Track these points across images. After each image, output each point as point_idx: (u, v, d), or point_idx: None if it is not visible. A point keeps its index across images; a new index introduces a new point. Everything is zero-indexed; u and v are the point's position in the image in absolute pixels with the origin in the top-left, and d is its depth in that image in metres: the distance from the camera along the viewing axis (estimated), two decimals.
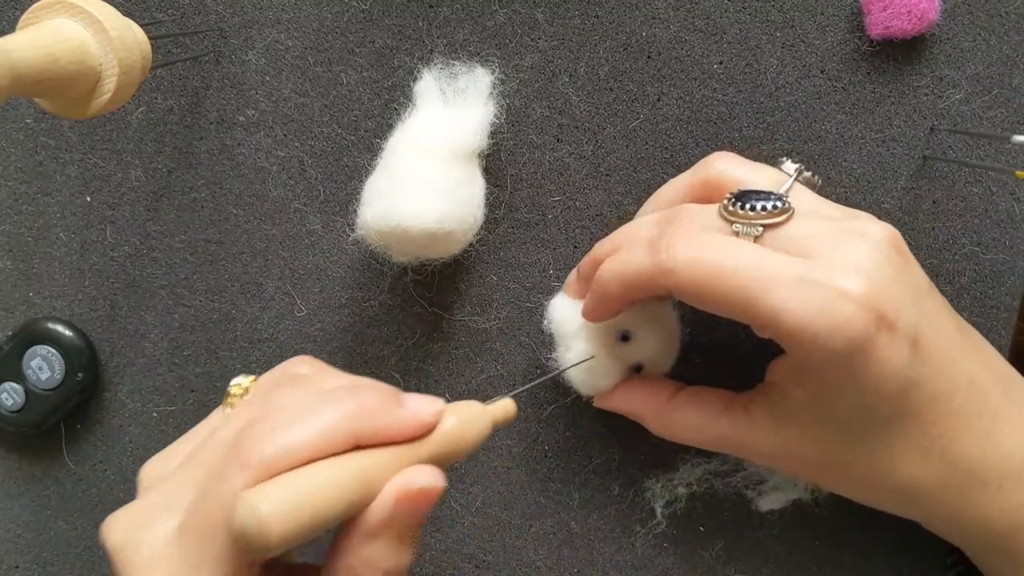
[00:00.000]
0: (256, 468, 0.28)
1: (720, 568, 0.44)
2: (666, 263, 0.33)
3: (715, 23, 0.41)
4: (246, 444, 0.29)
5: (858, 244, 0.32)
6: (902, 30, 0.39)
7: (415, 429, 0.30)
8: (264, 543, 0.26)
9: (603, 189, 0.42)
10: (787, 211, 0.33)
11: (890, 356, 0.32)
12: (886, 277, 0.32)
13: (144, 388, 0.45)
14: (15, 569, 0.47)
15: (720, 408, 0.37)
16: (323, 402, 0.30)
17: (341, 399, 0.30)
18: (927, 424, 0.34)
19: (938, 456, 0.34)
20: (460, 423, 0.31)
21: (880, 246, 0.33)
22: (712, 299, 0.32)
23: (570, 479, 0.44)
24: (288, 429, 0.29)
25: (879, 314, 0.31)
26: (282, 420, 0.29)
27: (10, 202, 0.45)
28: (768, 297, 0.31)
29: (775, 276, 0.31)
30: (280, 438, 0.28)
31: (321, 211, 0.44)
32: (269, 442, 0.28)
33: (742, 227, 0.33)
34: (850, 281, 0.31)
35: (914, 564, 0.43)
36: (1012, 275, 0.41)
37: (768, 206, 0.33)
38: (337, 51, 0.43)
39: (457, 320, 0.44)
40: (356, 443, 0.29)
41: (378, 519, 0.29)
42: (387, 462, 0.29)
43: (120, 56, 0.33)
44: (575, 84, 0.42)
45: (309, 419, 0.29)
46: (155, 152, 0.44)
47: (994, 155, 0.41)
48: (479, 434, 0.32)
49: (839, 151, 0.41)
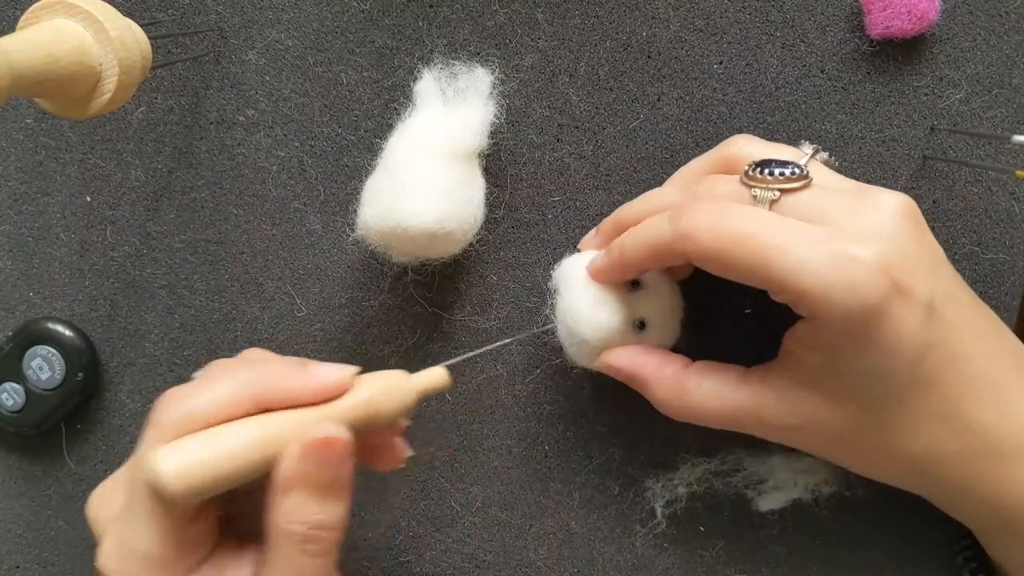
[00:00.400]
0: (163, 428, 0.31)
1: (720, 568, 0.44)
2: (686, 229, 0.33)
3: (715, 23, 0.41)
4: (158, 409, 0.32)
5: (873, 212, 0.33)
6: (902, 30, 0.39)
7: (318, 391, 0.33)
8: (170, 496, 0.29)
9: (603, 189, 0.42)
10: (805, 178, 0.34)
11: (906, 319, 0.32)
12: (902, 243, 0.32)
13: (144, 388, 0.45)
14: (16, 569, 0.47)
15: (736, 378, 0.36)
16: (228, 371, 0.33)
17: (243, 368, 0.33)
18: (945, 391, 0.34)
19: (955, 423, 0.34)
20: (378, 388, 0.33)
21: (896, 214, 0.33)
22: (731, 264, 0.33)
23: (570, 479, 0.44)
24: (192, 395, 0.32)
25: (894, 279, 0.32)
26: (189, 388, 0.33)
27: (10, 202, 0.45)
28: (785, 261, 0.32)
29: (792, 240, 0.32)
30: (185, 402, 0.32)
31: (321, 211, 0.44)
32: (175, 407, 0.32)
33: (760, 191, 0.34)
34: (866, 246, 0.32)
35: (915, 563, 0.43)
36: (1012, 275, 0.41)
37: (787, 172, 0.34)
38: (337, 51, 0.43)
39: (457, 320, 0.44)
40: (260, 407, 0.32)
41: (286, 473, 0.31)
42: (292, 422, 0.32)
43: (120, 56, 0.33)
44: (575, 84, 0.42)
45: (212, 386, 0.32)
46: (155, 152, 0.44)
47: (994, 155, 0.41)
48: (401, 402, 0.34)
49: (839, 151, 0.41)
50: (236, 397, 0.32)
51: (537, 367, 0.43)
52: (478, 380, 0.44)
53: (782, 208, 0.34)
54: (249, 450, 0.31)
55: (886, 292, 0.31)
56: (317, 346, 0.44)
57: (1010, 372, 0.35)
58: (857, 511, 0.42)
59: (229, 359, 0.37)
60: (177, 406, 0.32)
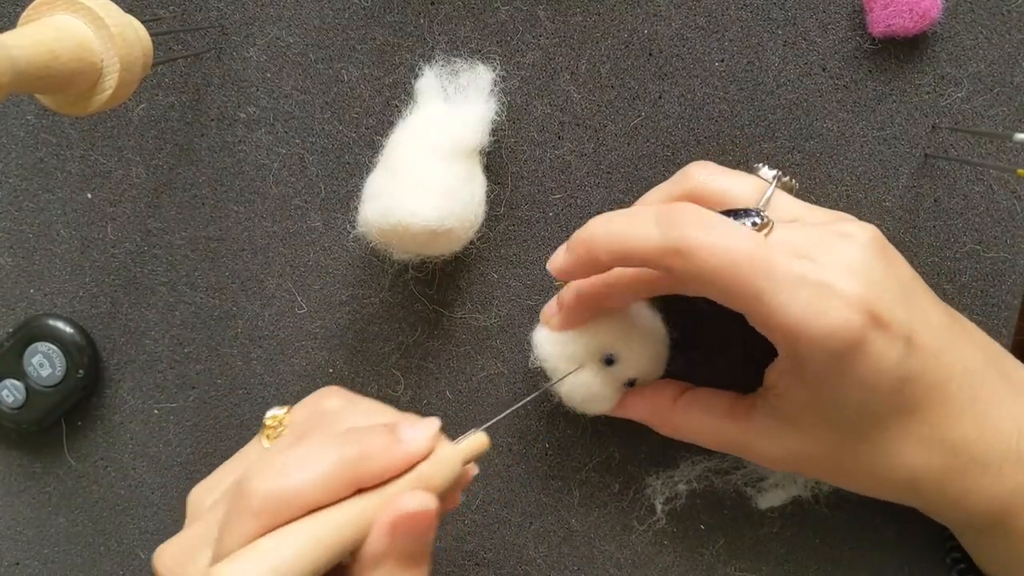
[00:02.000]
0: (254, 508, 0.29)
1: (720, 566, 0.44)
2: (678, 241, 0.32)
3: (717, 21, 0.41)
4: (251, 481, 0.30)
5: (845, 247, 0.33)
6: (904, 28, 0.39)
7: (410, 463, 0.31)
8: None
9: (604, 187, 0.42)
10: (766, 226, 0.34)
11: (885, 354, 0.32)
12: (876, 278, 0.33)
13: (145, 385, 0.45)
14: (16, 566, 0.47)
15: (724, 412, 0.38)
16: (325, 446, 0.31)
17: (341, 444, 0.31)
18: (924, 415, 0.34)
19: (938, 444, 0.35)
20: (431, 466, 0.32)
21: (866, 247, 0.33)
22: (720, 287, 0.32)
23: (570, 476, 0.44)
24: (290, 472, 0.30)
25: (873, 314, 0.32)
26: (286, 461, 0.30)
27: (11, 199, 0.45)
28: (775, 295, 0.31)
29: (783, 273, 0.32)
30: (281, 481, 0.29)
31: (322, 208, 0.44)
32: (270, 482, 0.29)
33: None
34: (844, 282, 0.32)
35: (914, 561, 0.43)
36: (1013, 273, 0.41)
37: (748, 224, 0.34)
38: (338, 48, 0.43)
39: (458, 318, 0.44)
40: (357, 487, 0.30)
41: (376, 550, 0.30)
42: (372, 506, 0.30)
43: (121, 53, 0.33)
44: (576, 82, 0.42)
45: (309, 463, 0.30)
46: (156, 149, 0.44)
47: (996, 153, 0.41)
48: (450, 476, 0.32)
49: (840, 149, 0.41)
50: (336, 481, 0.30)
51: (532, 375, 0.43)
52: (478, 378, 0.44)
53: None
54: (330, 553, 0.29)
55: (866, 328, 0.32)
56: (318, 343, 0.44)
57: (989, 384, 0.35)
58: (856, 509, 0.42)
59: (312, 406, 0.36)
60: (275, 484, 0.29)
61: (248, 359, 0.45)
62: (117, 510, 0.46)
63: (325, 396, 0.37)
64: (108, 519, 0.46)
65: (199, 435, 0.45)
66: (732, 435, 0.37)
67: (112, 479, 0.46)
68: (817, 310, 0.31)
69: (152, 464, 0.46)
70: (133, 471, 0.46)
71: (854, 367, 0.32)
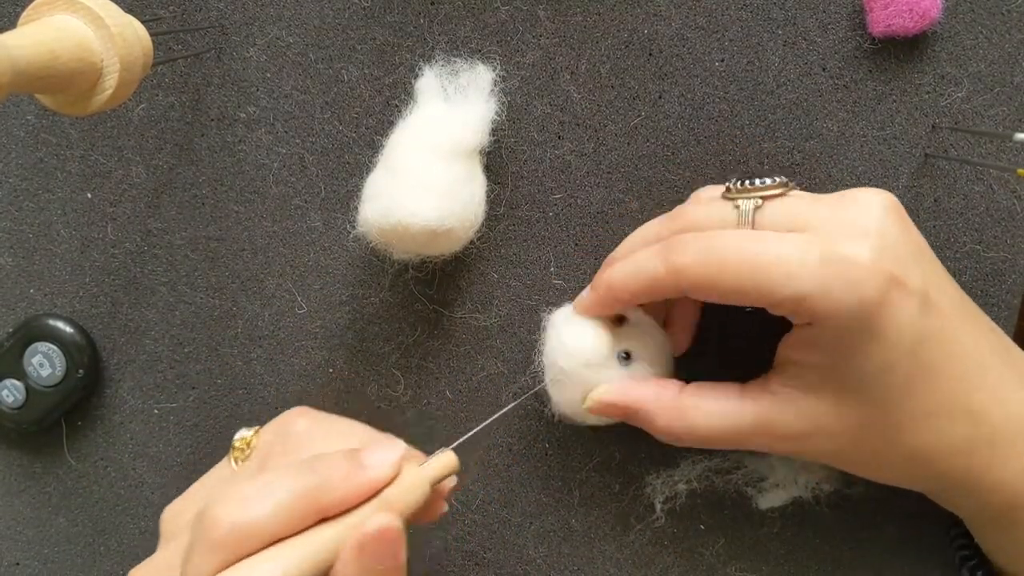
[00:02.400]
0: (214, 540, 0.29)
1: (720, 566, 0.44)
2: (677, 264, 0.34)
3: (717, 21, 0.41)
4: (210, 511, 0.30)
5: (858, 210, 0.33)
6: (904, 28, 0.39)
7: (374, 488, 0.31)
8: None
9: (604, 187, 0.42)
10: (785, 185, 0.35)
11: (904, 311, 0.32)
12: (891, 237, 0.33)
13: (145, 385, 0.45)
14: (16, 566, 0.47)
15: (737, 393, 0.36)
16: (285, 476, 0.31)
17: (301, 473, 0.31)
18: (944, 381, 0.34)
19: (959, 414, 0.34)
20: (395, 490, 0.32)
21: (880, 210, 0.33)
22: (727, 289, 0.33)
23: (570, 476, 0.44)
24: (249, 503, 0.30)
25: (889, 272, 0.32)
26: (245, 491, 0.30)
27: (11, 199, 0.45)
28: (779, 273, 0.32)
29: (782, 251, 0.32)
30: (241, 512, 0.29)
31: (322, 208, 0.44)
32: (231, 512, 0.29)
33: (742, 201, 0.34)
34: (857, 244, 0.32)
35: (915, 561, 0.43)
36: (1013, 273, 0.41)
37: (767, 180, 0.35)
38: (338, 48, 0.43)
39: (458, 317, 0.44)
40: (320, 516, 0.30)
41: (345, 572, 0.30)
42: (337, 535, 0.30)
43: (121, 53, 0.33)
44: (576, 81, 0.42)
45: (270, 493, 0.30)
46: (156, 149, 0.44)
47: (996, 153, 0.41)
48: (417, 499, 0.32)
49: (840, 149, 0.41)
50: (298, 511, 0.30)
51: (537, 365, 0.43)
52: (478, 378, 0.44)
53: (765, 216, 0.34)
54: None
55: (884, 285, 0.32)
56: (318, 343, 0.44)
57: (997, 359, 0.35)
58: (857, 509, 0.42)
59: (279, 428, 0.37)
60: (236, 515, 0.29)
61: (248, 359, 0.45)
62: (117, 510, 0.46)
63: (293, 418, 0.37)
64: (108, 519, 0.46)
65: (199, 435, 0.45)
66: (748, 416, 0.35)
67: (112, 479, 0.46)
68: (833, 276, 0.31)
69: (152, 464, 0.46)
70: (133, 471, 0.46)
71: (874, 327, 0.32)
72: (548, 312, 0.40)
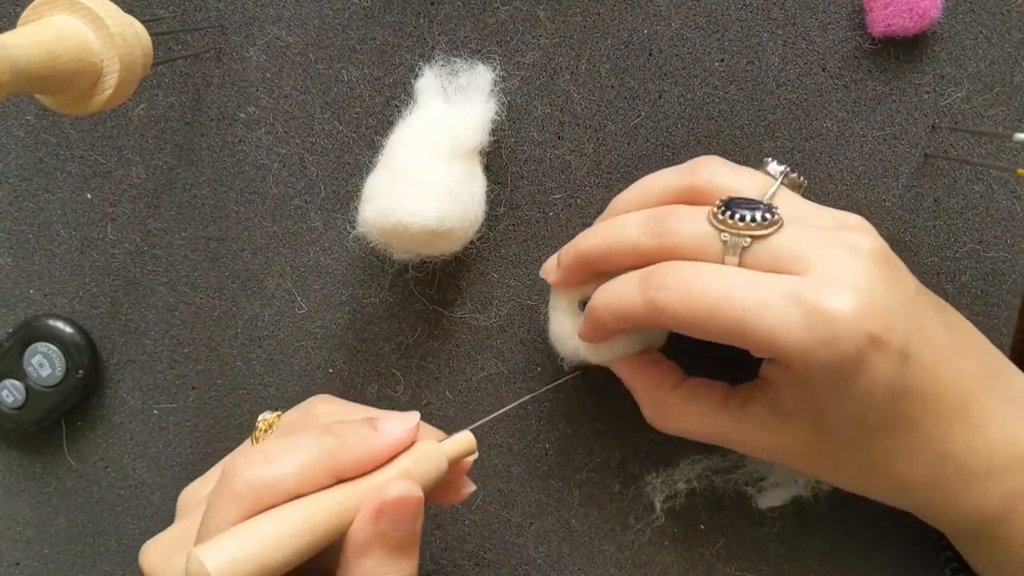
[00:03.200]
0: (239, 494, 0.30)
1: (720, 566, 0.44)
2: (658, 302, 0.33)
3: (716, 21, 0.41)
4: (235, 469, 0.30)
5: (848, 258, 0.32)
6: (903, 28, 0.39)
7: (390, 454, 0.32)
8: None
9: (604, 187, 0.42)
10: (775, 223, 0.33)
11: (880, 371, 0.32)
12: (877, 293, 0.32)
13: (145, 385, 0.45)
14: (16, 566, 0.47)
15: (718, 404, 0.37)
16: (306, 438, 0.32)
17: (323, 437, 0.32)
18: (916, 427, 0.34)
19: (929, 455, 0.35)
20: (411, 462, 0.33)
21: (870, 259, 0.33)
22: (705, 331, 0.33)
23: (570, 476, 0.44)
24: (273, 461, 0.30)
25: (869, 332, 0.31)
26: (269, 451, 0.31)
27: (11, 199, 0.45)
28: (761, 323, 0.32)
29: (765, 300, 0.32)
30: (265, 469, 0.30)
31: (322, 208, 0.44)
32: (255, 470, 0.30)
33: (730, 237, 0.33)
34: (840, 299, 0.31)
35: (914, 561, 0.43)
36: (1013, 273, 0.41)
37: (757, 217, 0.33)
38: (338, 48, 0.43)
39: (458, 317, 0.44)
40: (338, 478, 0.31)
41: (361, 538, 0.30)
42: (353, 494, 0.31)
43: (121, 53, 0.33)
44: (576, 81, 0.42)
45: (292, 454, 0.31)
46: (156, 149, 0.44)
47: (995, 153, 0.41)
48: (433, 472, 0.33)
49: (840, 149, 0.41)
50: (318, 470, 0.31)
51: (538, 365, 0.43)
52: (478, 378, 0.44)
53: (754, 252, 0.33)
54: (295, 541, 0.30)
55: (862, 346, 0.31)
56: (318, 343, 0.44)
57: (981, 396, 0.35)
58: (857, 509, 0.42)
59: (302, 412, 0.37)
60: (257, 470, 0.30)
61: (248, 359, 0.45)
62: (117, 510, 0.46)
63: (317, 402, 0.38)
64: (108, 519, 0.46)
65: (199, 435, 0.45)
66: (723, 427, 0.37)
67: (112, 479, 0.46)
68: (812, 332, 0.31)
69: (152, 464, 0.46)
70: (133, 471, 0.46)
71: (849, 383, 0.32)
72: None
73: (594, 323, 0.37)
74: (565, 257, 0.38)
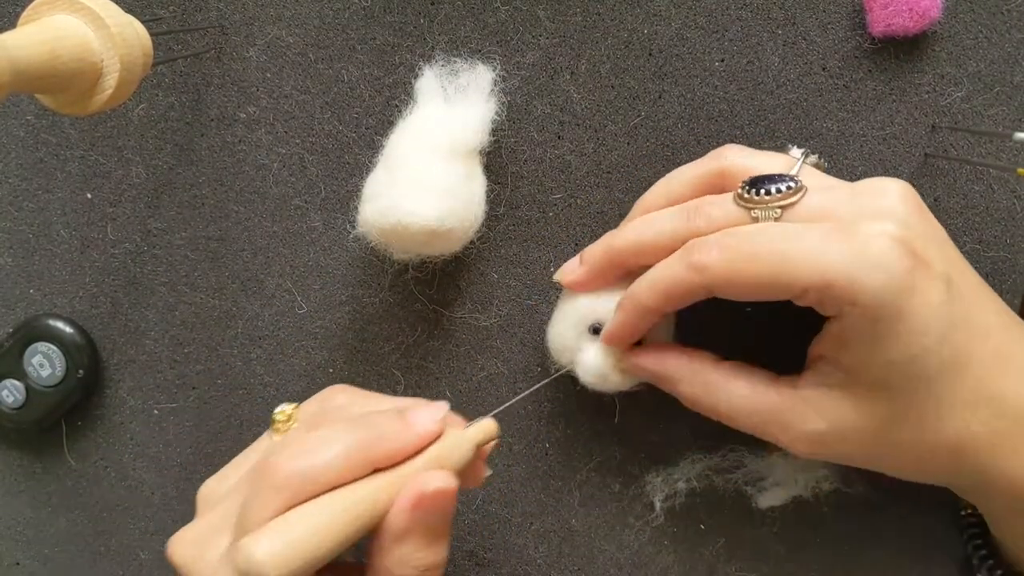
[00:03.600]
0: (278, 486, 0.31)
1: (721, 566, 0.44)
2: (702, 262, 0.34)
3: (717, 20, 0.41)
4: (274, 463, 0.31)
5: (878, 196, 0.33)
6: (903, 28, 0.39)
7: (420, 445, 0.33)
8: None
9: (604, 187, 0.42)
10: (800, 189, 0.34)
11: (931, 294, 0.32)
12: (912, 221, 0.33)
13: (145, 385, 0.45)
14: (16, 566, 0.47)
15: (768, 381, 0.36)
16: (339, 430, 0.33)
17: (355, 428, 0.33)
18: (973, 370, 0.33)
19: (984, 404, 0.34)
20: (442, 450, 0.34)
21: (900, 196, 0.33)
22: (753, 283, 0.33)
23: (571, 476, 0.44)
24: (310, 454, 0.31)
25: (914, 253, 0.32)
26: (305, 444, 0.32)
27: (11, 199, 0.45)
28: (804, 260, 0.32)
29: (806, 239, 0.32)
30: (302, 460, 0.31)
31: (322, 208, 0.44)
32: (293, 462, 0.31)
33: (761, 212, 0.34)
34: (881, 225, 0.32)
35: (914, 561, 0.43)
36: (1013, 273, 0.41)
37: (782, 188, 0.34)
38: (338, 48, 0.43)
39: (458, 317, 0.44)
40: (372, 468, 0.32)
41: (399, 526, 0.32)
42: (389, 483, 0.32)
43: (121, 53, 0.33)
44: (576, 81, 0.42)
45: (327, 446, 0.32)
46: (156, 149, 0.44)
47: (995, 153, 0.41)
48: (461, 460, 0.34)
49: (840, 149, 0.41)
50: (356, 460, 0.32)
51: (538, 365, 0.43)
52: (478, 378, 0.44)
53: (787, 221, 0.34)
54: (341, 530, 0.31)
55: (910, 266, 0.31)
56: (318, 343, 0.44)
57: (1020, 346, 0.35)
58: (857, 508, 0.42)
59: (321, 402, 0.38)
60: (298, 461, 0.31)
61: (248, 359, 0.45)
62: (117, 510, 0.46)
63: (334, 392, 0.38)
64: (108, 519, 0.46)
65: (199, 435, 0.45)
66: (773, 405, 0.35)
67: (112, 479, 0.46)
68: (859, 257, 0.31)
69: (152, 464, 0.46)
70: (133, 471, 0.46)
71: (904, 311, 0.32)
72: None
73: (632, 309, 0.36)
74: (591, 255, 0.39)
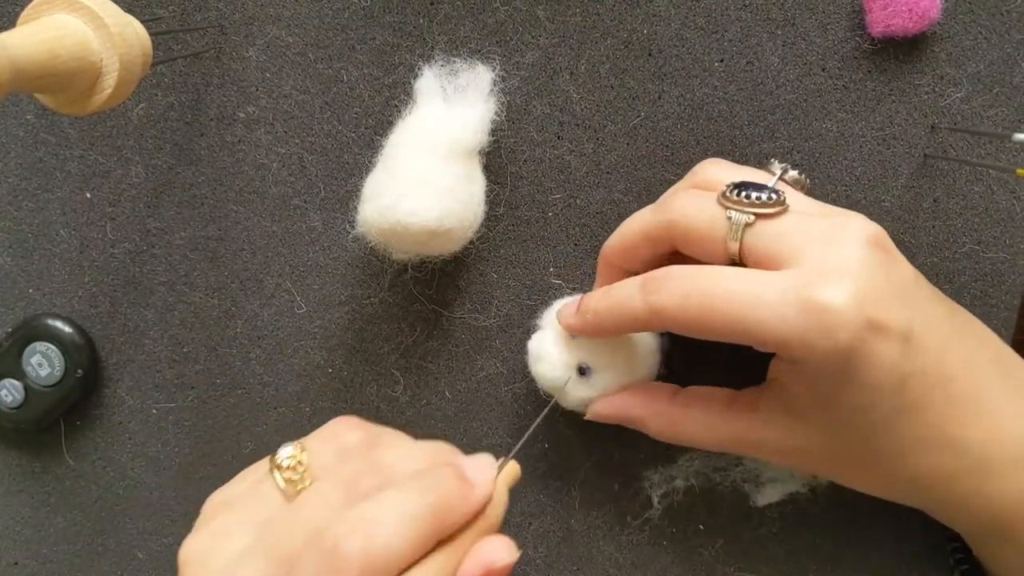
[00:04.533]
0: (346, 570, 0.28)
1: (720, 566, 0.44)
2: (657, 304, 0.34)
3: (716, 21, 0.41)
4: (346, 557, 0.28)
5: (843, 246, 0.33)
6: (903, 28, 0.39)
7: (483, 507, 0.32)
8: None
9: (604, 187, 0.42)
10: (781, 204, 0.34)
11: (883, 356, 0.32)
12: (874, 277, 0.32)
13: (144, 385, 0.45)
14: (14, 565, 0.47)
15: (725, 405, 0.37)
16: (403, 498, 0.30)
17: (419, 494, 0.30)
18: (929, 416, 0.34)
19: (942, 445, 0.34)
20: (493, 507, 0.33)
21: (865, 246, 0.33)
22: (707, 331, 0.33)
23: (570, 476, 0.44)
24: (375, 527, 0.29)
25: (869, 318, 0.31)
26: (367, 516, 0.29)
27: (10, 198, 0.45)
28: (758, 317, 0.32)
29: (762, 297, 0.32)
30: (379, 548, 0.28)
31: (321, 208, 0.43)
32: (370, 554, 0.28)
33: (735, 214, 0.34)
34: (835, 289, 0.31)
35: (914, 561, 0.43)
36: (1012, 274, 0.41)
37: (763, 196, 0.34)
38: (338, 48, 0.43)
39: (457, 318, 0.44)
40: (440, 539, 0.30)
41: None
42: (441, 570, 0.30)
43: (121, 52, 0.33)
44: (576, 81, 0.42)
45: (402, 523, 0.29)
46: (155, 149, 0.44)
47: (995, 153, 0.41)
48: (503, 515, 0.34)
49: (840, 149, 0.41)
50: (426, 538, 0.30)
51: None
52: (478, 378, 0.44)
53: (755, 233, 0.34)
54: None
55: (862, 332, 0.31)
56: (317, 343, 0.44)
57: (992, 384, 0.35)
58: (857, 508, 0.42)
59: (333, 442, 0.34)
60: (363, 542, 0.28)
61: (247, 359, 0.45)
62: (116, 510, 0.46)
63: (344, 429, 0.35)
64: (107, 519, 0.46)
65: (198, 435, 0.45)
66: (737, 428, 0.37)
67: (111, 479, 0.46)
68: (810, 322, 0.31)
69: (151, 464, 0.46)
70: (132, 471, 0.46)
71: (853, 371, 0.32)
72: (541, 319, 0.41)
73: (591, 321, 0.37)
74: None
